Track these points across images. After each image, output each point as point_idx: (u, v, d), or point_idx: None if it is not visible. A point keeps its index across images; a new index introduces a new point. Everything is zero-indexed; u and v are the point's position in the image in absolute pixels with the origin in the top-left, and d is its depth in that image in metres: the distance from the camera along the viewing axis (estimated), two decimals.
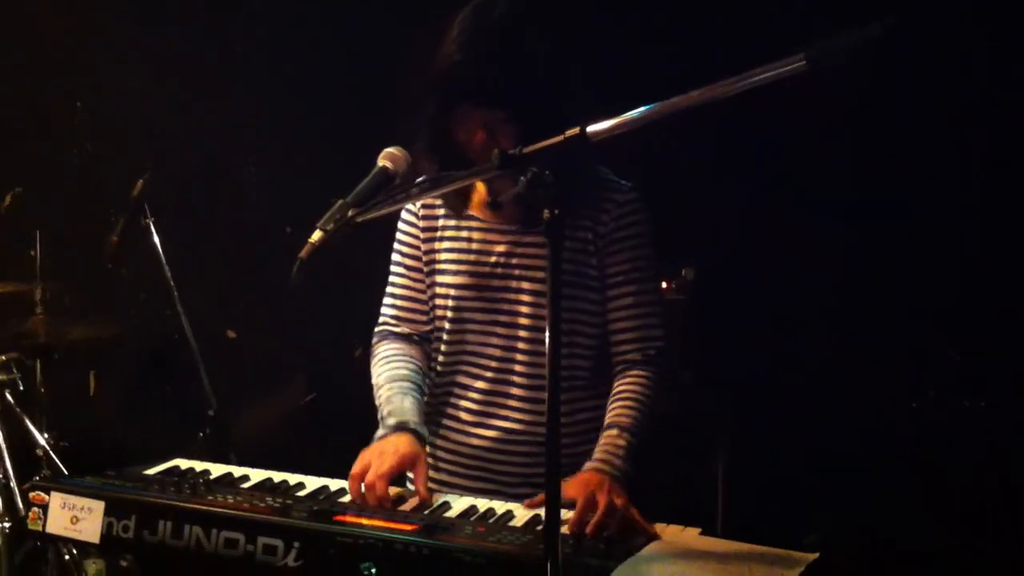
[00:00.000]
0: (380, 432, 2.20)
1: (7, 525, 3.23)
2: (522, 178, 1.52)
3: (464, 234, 2.28)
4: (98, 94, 4.37)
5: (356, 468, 2.08)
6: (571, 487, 1.97)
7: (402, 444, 2.13)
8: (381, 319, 2.41)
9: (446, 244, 2.30)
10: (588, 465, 2.08)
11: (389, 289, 2.40)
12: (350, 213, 1.85)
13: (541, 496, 1.96)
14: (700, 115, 1.50)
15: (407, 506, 2.02)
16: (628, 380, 2.22)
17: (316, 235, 1.84)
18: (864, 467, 3.54)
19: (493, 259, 2.25)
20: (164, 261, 3.66)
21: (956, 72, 3.33)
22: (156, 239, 3.65)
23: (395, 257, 2.38)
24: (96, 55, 4.32)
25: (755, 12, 3.50)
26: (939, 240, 3.46)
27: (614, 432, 2.13)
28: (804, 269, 3.65)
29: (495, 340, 2.26)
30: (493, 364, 2.27)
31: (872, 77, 3.22)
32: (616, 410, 2.17)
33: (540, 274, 2.21)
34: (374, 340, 2.40)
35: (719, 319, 3.73)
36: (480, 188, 2.26)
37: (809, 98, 3.10)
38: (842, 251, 3.64)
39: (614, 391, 2.22)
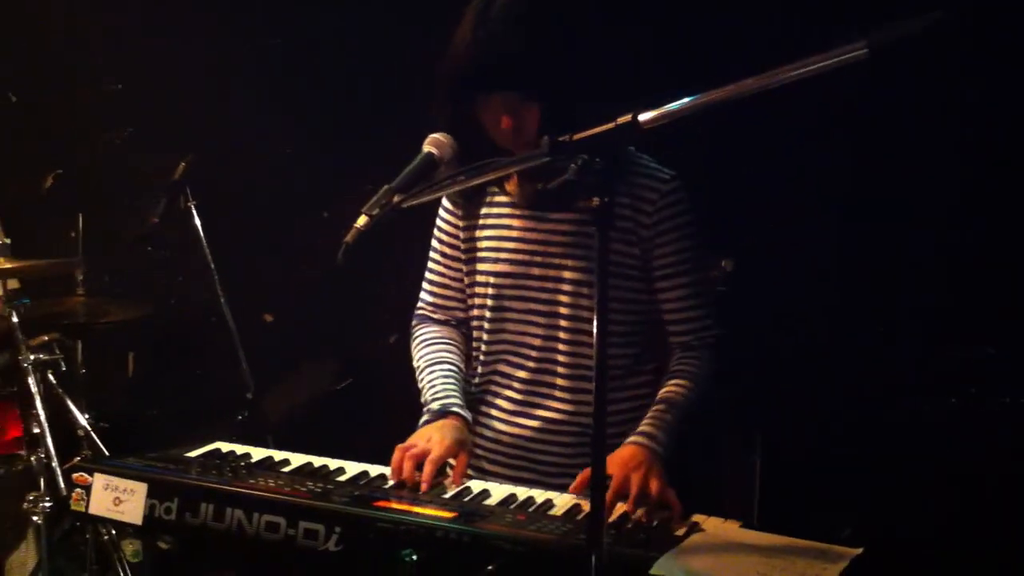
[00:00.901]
0: (425, 418, 2.21)
1: (48, 504, 3.26)
2: (572, 165, 1.51)
3: (504, 222, 2.27)
4: (140, 77, 4.39)
5: (404, 445, 2.09)
6: (611, 463, 1.97)
7: (448, 430, 2.14)
8: (419, 304, 2.43)
9: (487, 232, 2.29)
10: (632, 438, 2.08)
11: (427, 275, 2.41)
12: (395, 199, 1.84)
13: (583, 476, 1.98)
14: (752, 102, 1.47)
15: (447, 493, 2.02)
16: (683, 360, 2.23)
17: (361, 220, 1.83)
18: (901, 462, 3.50)
19: (532, 247, 2.23)
20: (204, 243, 3.68)
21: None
22: (197, 221, 3.68)
23: (433, 244, 2.38)
24: (138, 39, 4.34)
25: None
26: (984, 234, 3.40)
27: (662, 407, 2.13)
28: (842, 261, 3.62)
29: (535, 329, 2.25)
30: (534, 354, 2.26)
31: (914, 71, 3.18)
32: (668, 387, 2.18)
33: (580, 263, 2.20)
34: (413, 323, 2.43)
35: (756, 310, 3.69)
36: (514, 176, 2.25)
37: (848, 92, 3.06)
38: (882, 244, 3.60)
39: (669, 370, 2.23)
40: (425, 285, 2.42)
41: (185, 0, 4.25)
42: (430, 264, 2.40)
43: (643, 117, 1.50)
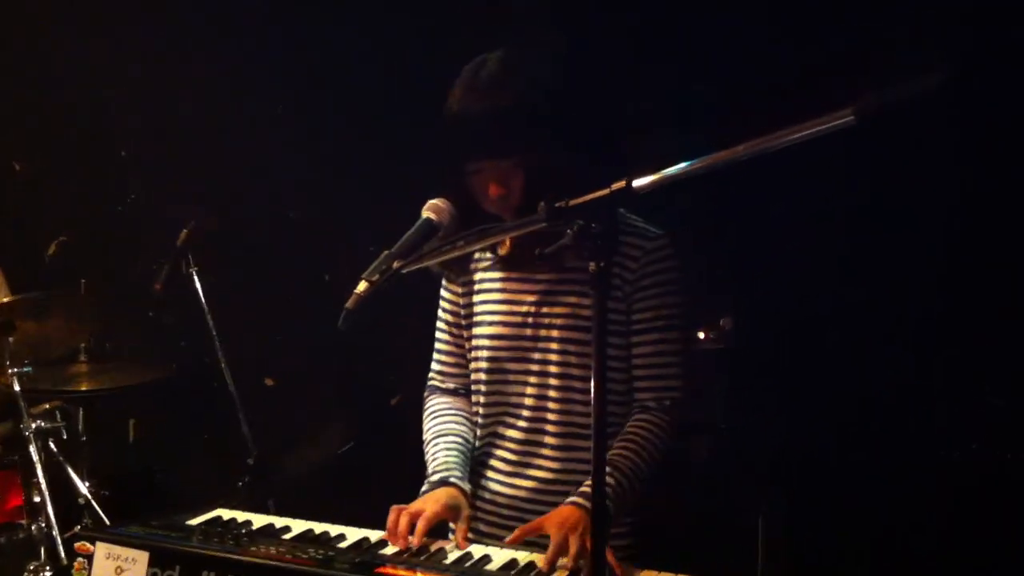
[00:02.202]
0: (424, 488, 2.22)
1: (49, 574, 3.25)
2: (568, 230, 1.53)
3: (497, 286, 2.30)
4: (143, 143, 4.44)
5: (400, 506, 2.09)
6: (549, 523, 2.00)
7: (444, 497, 2.15)
8: (430, 375, 2.47)
9: (482, 296, 2.32)
10: (571, 498, 2.07)
11: (435, 345, 2.45)
12: (395, 264, 1.87)
13: (520, 531, 2.03)
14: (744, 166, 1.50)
15: (448, 559, 2.02)
16: (637, 423, 2.22)
17: (362, 286, 1.86)
18: (914, 519, 3.49)
19: (524, 309, 2.26)
20: (206, 309, 3.69)
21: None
22: (199, 287, 3.69)
23: (439, 313, 2.42)
24: (142, 105, 4.39)
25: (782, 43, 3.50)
26: (1006, 286, 3.40)
27: (607, 470, 2.12)
28: (846, 314, 3.62)
29: (528, 389, 2.27)
30: (526, 413, 2.27)
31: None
32: (616, 449, 2.17)
33: (569, 321, 2.22)
34: (425, 394, 2.45)
35: (757, 367, 3.69)
36: (507, 239, 2.27)
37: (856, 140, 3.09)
38: (889, 294, 3.61)
39: (623, 431, 2.22)
40: (434, 355, 2.45)
41: (190, 68, 4.30)
42: (437, 334, 2.44)
43: (637, 183, 1.53)
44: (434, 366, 2.45)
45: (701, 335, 3.61)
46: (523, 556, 2.02)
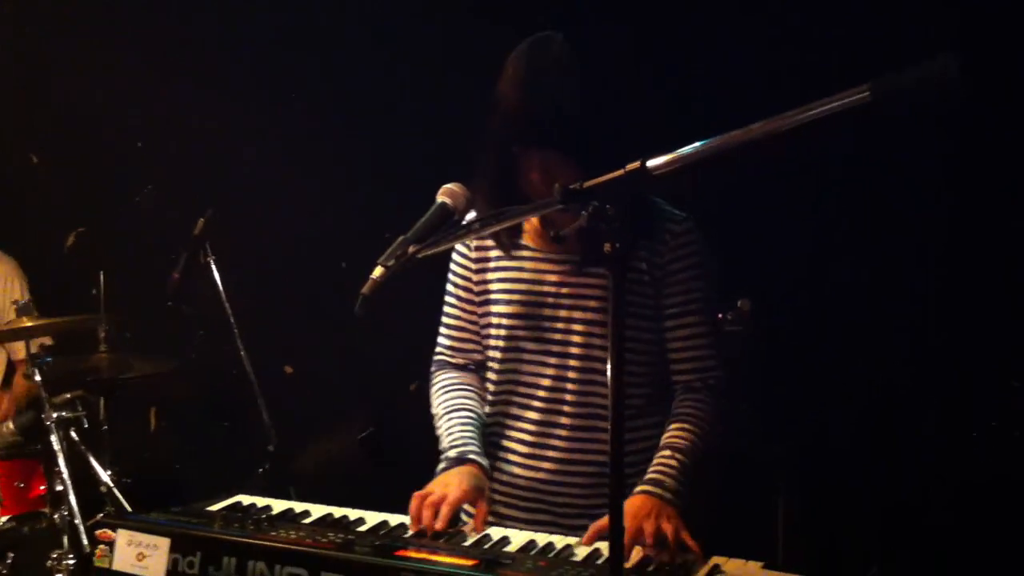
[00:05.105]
0: (442, 465, 2.22)
1: (72, 562, 3.27)
2: (584, 212, 1.53)
3: (516, 264, 2.30)
4: (159, 134, 4.46)
5: (421, 492, 2.10)
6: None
7: (466, 478, 2.15)
8: (437, 349, 2.46)
9: (499, 275, 2.32)
10: (639, 487, 2.09)
11: (444, 320, 2.44)
12: (411, 249, 1.87)
13: (595, 527, 1.98)
14: (759, 147, 1.49)
15: (467, 541, 2.02)
16: (686, 403, 2.24)
17: (377, 271, 1.86)
18: (929, 501, 3.47)
19: (546, 289, 2.26)
20: (224, 298, 3.70)
21: None
22: (216, 276, 3.70)
23: (448, 288, 2.41)
24: (158, 96, 4.40)
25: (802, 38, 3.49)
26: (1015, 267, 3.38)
27: (667, 453, 2.15)
28: (865, 298, 3.61)
29: (546, 370, 2.27)
30: (542, 394, 2.28)
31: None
32: (672, 432, 2.19)
33: (593, 303, 2.22)
34: (432, 369, 2.45)
35: (777, 350, 3.69)
36: (533, 219, 2.28)
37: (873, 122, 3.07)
38: (907, 277, 3.59)
39: (672, 413, 2.24)
40: (442, 329, 2.45)
41: (203, 58, 4.32)
42: (446, 308, 2.43)
43: (652, 163, 1.52)
44: (442, 340, 2.44)
45: (719, 316, 3.61)
46: (542, 537, 2.02)
